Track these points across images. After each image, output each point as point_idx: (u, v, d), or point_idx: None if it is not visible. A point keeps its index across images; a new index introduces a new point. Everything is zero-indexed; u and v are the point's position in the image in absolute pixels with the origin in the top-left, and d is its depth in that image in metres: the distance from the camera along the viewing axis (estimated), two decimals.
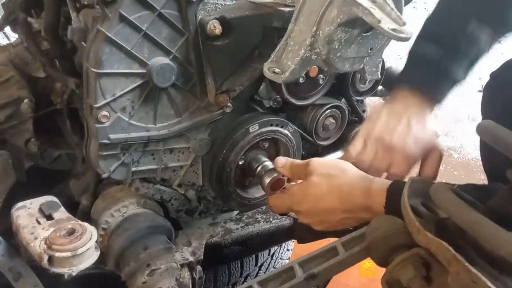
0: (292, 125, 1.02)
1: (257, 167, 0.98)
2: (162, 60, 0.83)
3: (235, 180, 1.00)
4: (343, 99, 1.12)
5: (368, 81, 1.13)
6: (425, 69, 0.92)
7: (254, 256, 1.40)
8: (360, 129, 0.96)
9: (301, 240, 1.14)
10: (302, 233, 1.12)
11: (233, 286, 1.39)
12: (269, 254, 1.44)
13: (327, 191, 0.80)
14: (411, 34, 0.66)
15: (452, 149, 2.67)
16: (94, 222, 0.97)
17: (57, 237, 0.73)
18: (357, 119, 1.18)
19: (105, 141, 0.85)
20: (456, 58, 0.90)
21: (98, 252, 0.77)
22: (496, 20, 0.90)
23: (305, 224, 0.93)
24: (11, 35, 1.29)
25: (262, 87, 1.00)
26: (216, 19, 0.83)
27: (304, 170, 0.85)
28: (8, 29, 1.20)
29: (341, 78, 1.08)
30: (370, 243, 0.64)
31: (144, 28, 0.80)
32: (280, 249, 1.47)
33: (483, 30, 0.89)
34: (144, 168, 0.94)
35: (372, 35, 0.80)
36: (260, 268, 1.44)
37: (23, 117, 1.06)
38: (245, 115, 0.99)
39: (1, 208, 1.05)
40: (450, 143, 2.71)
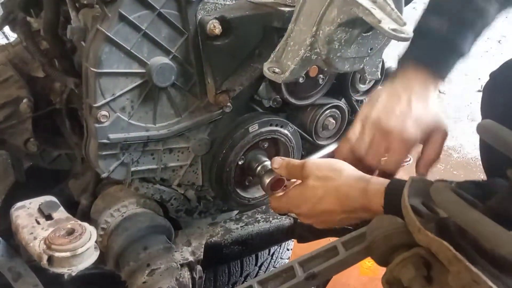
0: (292, 125, 1.02)
1: (256, 167, 0.98)
2: (162, 59, 0.83)
3: (235, 180, 1.00)
4: (343, 99, 1.12)
5: (368, 81, 1.13)
6: (430, 42, 0.88)
7: (254, 256, 1.40)
8: (359, 112, 0.92)
9: (301, 240, 1.14)
10: (302, 232, 1.12)
11: (233, 285, 1.39)
12: (269, 254, 1.44)
13: (324, 194, 0.80)
14: (411, 34, 0.66)
15: (452, 149, 2.67)
16: (93, 222, 0.97)
17: (57, 237, 0.73)
18: None
19: (105, 140, 0.85)
20: (462, 31, 0.87)
21: (98, 252, 0.77)
22: None
23: (305, 224, 0.93)
24: (10, 35, 1.29)
25: (262, 87, 1.00)
26: (216, 18, 0.82)
27: (300, 171, 0.84)
28: (7, 28, 1.20)
29: (341, 78, 1.08)
30: (370, 242, 0.63)
31: (144, 28, 0.80)
32: (280, 248, 1.46)
33: (490, 2, 0.86)
34: (143, 168, 0.94)
35: (372, 35, 0.80)
36: (260, 267, 1.44)
37: (22, 117, 1.06)
38: (245, 115, 0.98)
39: (1, 208, 1.05)
40: (449, 142, 2.71)
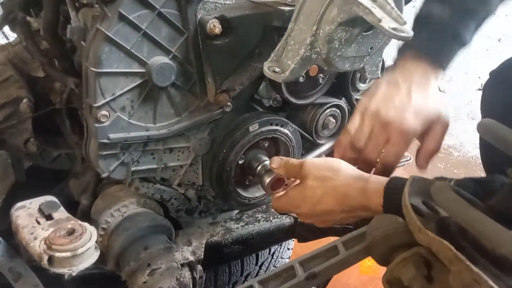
0: (292, 124, 1.02)
1: (257, 167, 0.98)
2: (162, 59, 0.83)
3: (235, 180, 1.00)
4: (343, 98, 1.12)
5: (368, 80, 1.13)
6: (431, 30, 0.86)
7: (254, 255, 1.40)
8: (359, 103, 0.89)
9: (301, 239, 1.14)
10: (302, 232, 1.12)
11: (234, 285, 1.39)
12: (269, 253, 1.44)
13: (323, 194, 0.79)
14: (411, 33, 0.66)
15: (452, 148, 2.67)
16: (94, 222, 0.97)
17: (57, 237, 0.73)
18: None
19: (105, 140, 0.84)
20: (465, 19, 0.85)
21: (98, 252, 0.77)
22: None
23: (306, 223, 0.93)
24: (10, 35, 1.29)
25: (262, 86, 1.00)
26: (216, 18, 0.82)
27: (299, 170, 0.84)
28: (7, 28, 1.20)
29: (341, 77, 1.08)
30: (370, 242, 0.63)
31: (144, 27, 0.80)
32: (280, 248, 1.46)
33: None
34: (144, 167, 0.94)
35: (373, 34, 0.80)
36: (260, 267, 1.44)
37: (22, 116, 1.06)
38: (245, 115, 0.98)
39: (1, 208, 1.05)
40: (450, 141, 2.71)
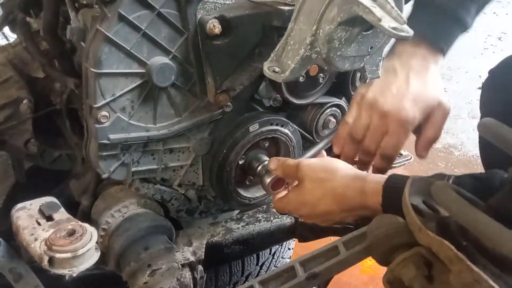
0: (292, 124, 1.02)
1: (257, 167, 0.98)
2: (162, 59, 0.83)
3: (236, 180, 1.00)
4: (343, 98, 1.12)
5: (368, 80, 1.12)
6: (430, 13, 0.83)
7: (255, 255, 1.40)
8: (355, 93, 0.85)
9: (302, 239, 1.14)
10: (303, 232, 1.12)
11: (235, 285, 1.39)
12: (270, 253, 1.44)
13: (322, 196, 0.79)
14: (411, 33, 0.66)
15: (453, 147, 2.67)
16: (94, 223, 0.97)
17: (57, 238, 0.73)
18: None
19: (105, 141, 0.84)
20: (465, 2, 0.83)
21: (99, 253, 0.77)
22: None
23: (306, 223, 0.93)
24: (10, 35, 1.29)
25: (262, 86, 1.00)
26: (215, 18, 0.82)
27: (295, 172, 0.84)
28: (7, 29, 1.20)
29: (341, 77, 1.08)
30: (371, 242, 0.63)
31: (144, 28, 0.80)
32: (281, 248, 1.46)
33: None
34: (144, 168, 0.93)
35: (373, 33, 0.80)
36: (261, 267, 1.44)
37: (23, 117, 1.05)
38: (245, 115, 0.98)
39: (1, 209, 1.05)
40: (450, 140, 2.71)
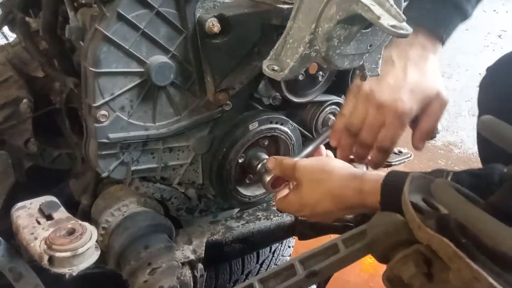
0: (292, 123, 1.02)
1: (257, 165, 0.98)
2: (161, 58, 0.83)
3: (235, 178, 1.00)
4: (343, 96, 1.12)
5: (367, 78, 1.12)
6: (430, 1, 0.81)
7: (255, 254, 1.40)
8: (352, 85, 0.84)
9: (302, 237, 1.14)
10: (303, 230, 1.12)
11: (235, 283, 1.39)
12: (270, 251, 1.44)
13: (320, 197, 0.80)
14: (410, 30, 0.66)
15: (453, 144, 2.67)
16: (94, 222, 0.97)
17: (57, 237, 0.73)
18: None
19: (104, 140, 0.84)
20: None
21: (99, 252, 0.77)
22: None
23: (306, 221, 0.93)
24: (9, 35, 1.29)
25: (262, 85, 1.00)
26: (214, 17, 0.82)
27: (292, 172, 0.84)
28: (6, 29, 1.20)
29: (340, 75, 1.08)
30: (371, 240, 0.63)
31: (142, 27, 0.79)
32: (281, 246, 1.46)
33: None
34: (143, 167, 0.94)
35: (372, 31, 0.80)
36: (261, 265, 1.44)
37: (22, 117, 1.06)
38: (245, 113, 0.98)
39: (1, 208, 1.05)
40: (450, 138, 2.71)
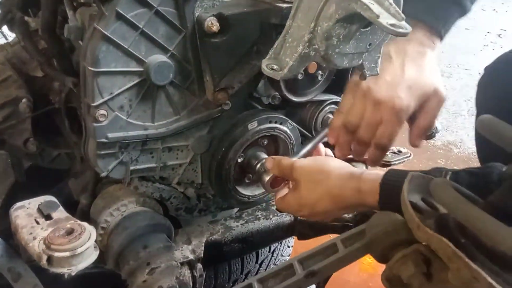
0: (291, 122, 1.02)
1: (256, 165, 0.98)
2: (160, 58, 0.82)
3: (235, 178, 1.00)
4: (342, 95, 1.12)
5: (367, 77, 1.12)
6: None
7: (254, 253, 1.40)
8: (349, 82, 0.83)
9: (301, 237, 1.14)
10: (302, 229, 1.12)
11: (234, 283, 1.39)
12: (269, 251, 1.44)
13: (319, 197, 0.80)
14: (410, 29, 0.66)
15: (452, 144, 2.67)
16: (93, 222, 0.97)
17: (56, 237, 0.73)
18: None
19: (103, 140, 0.84)
20: None
21: (97, 252, 0.77)
22: None
23: (306, 221, 0.93)
24: (8, 35, 1.29)
25: (261, 84, 1.00)
26: (213, 16, 0.82)
27: (290, 173, 0.84)
28: (5, 28, 1.19)
29: (340, 74, 1.07)
30: (370, 239, 0.63)
31: (141, 26, 0.79)
32: (280, 246, 1.46)
33: None
34: (142, 166, 0.93)
35: (371, 30, 0.80)
36: (260, 265, 1.44)
37: (21, 116, 1.05)
38: (244, 112, 0.98)
39: (0, 208, 1.05)
40: (450, 137, 2.70)
